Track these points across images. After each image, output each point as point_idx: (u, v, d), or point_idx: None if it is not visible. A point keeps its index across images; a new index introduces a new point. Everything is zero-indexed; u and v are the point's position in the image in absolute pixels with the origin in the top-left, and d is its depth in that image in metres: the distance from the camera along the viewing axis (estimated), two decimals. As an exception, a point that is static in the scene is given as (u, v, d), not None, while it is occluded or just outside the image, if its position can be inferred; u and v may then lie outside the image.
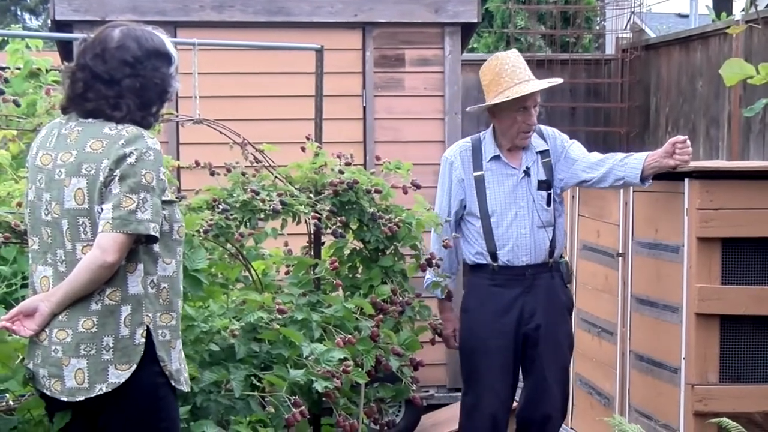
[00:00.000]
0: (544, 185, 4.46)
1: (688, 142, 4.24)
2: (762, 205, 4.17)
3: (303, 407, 3.62)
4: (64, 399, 2.86)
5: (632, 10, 9.91)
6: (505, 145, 4.48)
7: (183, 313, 3.18)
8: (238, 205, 4.22)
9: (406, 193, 4.65)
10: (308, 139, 4.65)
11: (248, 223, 4.23)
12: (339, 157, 4.61)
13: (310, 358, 3.77)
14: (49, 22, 6.47)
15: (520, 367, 4.52)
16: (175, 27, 6.01)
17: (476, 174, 4.48)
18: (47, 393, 2.90)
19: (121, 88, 2.90)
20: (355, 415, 4.18)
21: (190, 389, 3.17)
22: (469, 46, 10.42)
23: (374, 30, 6.32)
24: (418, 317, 4.57)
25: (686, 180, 4.23)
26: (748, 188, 4.18)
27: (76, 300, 2.82)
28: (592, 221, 5.24)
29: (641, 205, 4.68)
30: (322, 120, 4.84)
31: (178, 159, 5.47)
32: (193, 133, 5.27)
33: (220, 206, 4.16)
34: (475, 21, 6.38)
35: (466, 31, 6.54)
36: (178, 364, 2.98)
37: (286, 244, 4.68)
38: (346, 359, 3.85)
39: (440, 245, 4.51)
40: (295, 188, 4.43)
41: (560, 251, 4.54)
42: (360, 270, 4.67)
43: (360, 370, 4.01)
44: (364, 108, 6.33)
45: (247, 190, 4.27)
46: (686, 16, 14.44)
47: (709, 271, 4.18)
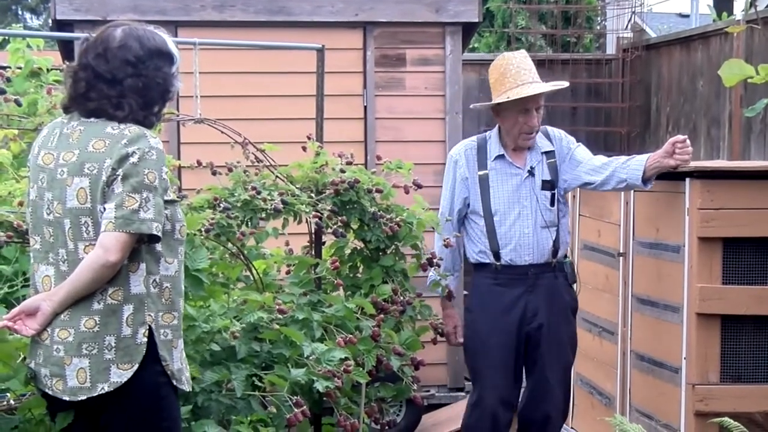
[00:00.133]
0: (549, 185, 4.47)
1: (688, 141, 4.24)
2: (763, 205, 4.17)
3: (304, 407, 3.62)
4: (66, 398, 2.86)
5: (633, 9, 9.90)
6: (509, 145, 4.48)
7: (184, 313, 3.18)
8: (240, 204, 4.22)
9: (407, 193, 4.65)
10: (309, 139, 4.65)
11: (249, 223, 4.23)
12: (340, 157, 4.61)
13: (311, 358, 3.77)
14: (50, 21, 6.47)
15: (523, 367, 4.52)
16: (176, 26, 6.00)
17: (480, 173, 4.48)
18: (49, 392, 2.89)
19: (123, 88, 2.90)
20: (356, 414, 4.19)
21: (191, 389, 3.17)
22: (470, 46, 10.42)
23: (375, 29, 6.31)
24: (419, 317, 4.57)
25: (687, 180, 4.23)
26: (749, 188, 4.18)
27: (79, 299, 2.82)
28: (593, 221, 5.24)
29: (642, 205, 4.68)
30: (323, 119, 4.84)
31: (179, 158, 5.47)
32: (194, 133, 5.27)
33: (222, 205, 4.16)
34: (476, 21, 6.38)
35: (467, 30, 6.54)
36: (180, 363, 2.98)
37: (287, 244, 4.68)
38: (347, 359, 3.85)
39: (442, 244, 4.52)
40: (296, 188, 4.43)
41: (564, 251, 4.54)
42: (361, 269, 4.67)
43: (361, 369, 4.01)
44: (365, 107, 6.32)
45: (249, 189, 4.27)
46: (687, 16, 14.43)
47: (710, 271, 4.18)
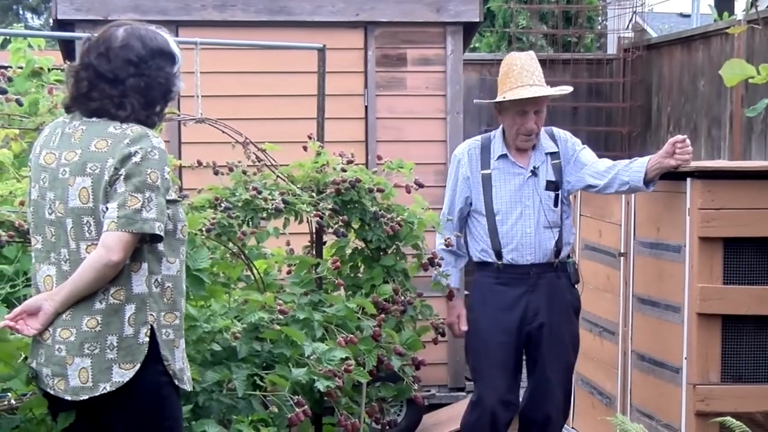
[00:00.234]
0: (553, 186, 4.46)
1: (688, 141, 4.24)
2: (764, 205, 4.17)
3: (305, 406, 3.62)
4: (68, 398, 2.86)
5: (634, 9, 9.89)
6: (512, 145, 4.48)
7: (185, 313, 3.18)
8: (241, 204, 4.22)
9: (409, 192, 4.65)
10: (310, 139, 4.66)
11: (250, 222, 4.23)
12: (341, 156, 4.61)
13: (312, 358, 3.77)
14: (51, 21, 6.47)
15: (523, 366, 4.52)
16: (177, 26, 6.01)
17: (483, 172, 4.48)
18: (51, 392, 2.89)
19: (125, 88, 2.90)
20: (357, 414, 4.19)
21: (192, 388, 3.17)
22: (471, 46, 10.41)
23: (376, 29, 6.32)
24: (420, 317, 4.57)
25: (688, 180, 4.23)
26: (749, 188, 4.18)
27: (80, 299, 2.82)
28: (594, 221, 5.24)
29: (643, 205, 4.68)
30: (324, 119, 4.85)
31: (180, 158, 5.47)
32: (195, 133, 5.27)
33: (223, 205, 4.16)
34: (477, 20, 6.38)
35: (468, 30, 6.53)
36: (182, 363, 2.98)
37: (288, 244, 4.68)
38: (347, 358, 3.85)
39: (442, 242, 4.52)
40: (297, 187, 4.43)
41: (567, 252, 4.54)
42: (362, 269, 4.67)
43: (362, 369, 4.01)
44: (366, 107, 6.32)
45: (250, 189, 4.27)
46: (688, 16, 14.42)
47: (710, 271, 4.18)
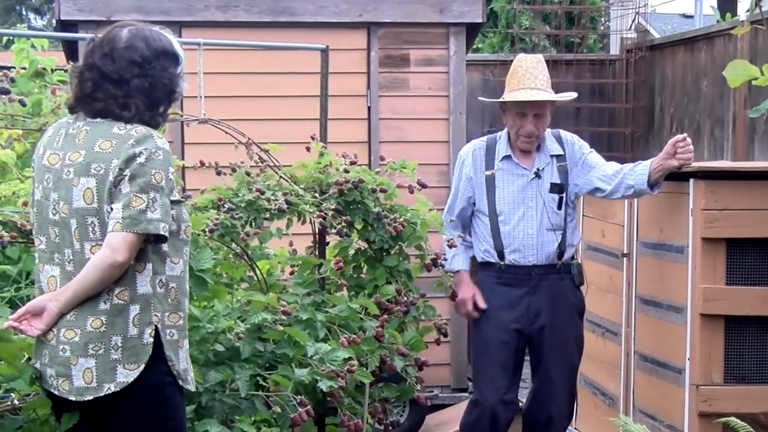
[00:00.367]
0: (557, 188, 4.45)
1: (689, 140, 4.24)
2: (767, 206, 4.17)
3: (308, 407, 3.62)
4: (72, 398, 2.86)
5: (637, 10, 9.90)
6: (516, 146, 4.48)
7: (188, 314, 3.18)
8: (244, 204, 4.22)
9: (412, 193, 4.65)
10: (313, 139, 4.65)
11: (253, 223, 4.22)
12: (344, 157, 4.61)
13: (314, 358, 3.77)
14: (54, 21, 6.47)
15: (522, 366, 4.52)
16: (180, 27, 6.01)
17: (488, 172, 4.48)
18: (55, 392, 2.89)
19: (129, 88, 2.90)
20: (360, 414, 4.19)
21: (195, 389, 3.17)
22: (474, 47, 10.42)
23: (379, 30, 6.32)
24: (423, 317, 4.57)
25: (691, 180, 4.23)
26: (752, 189, 4.18)
27: (85, 299, 2.82)
28: (597, 221, 5.24)
29: (646, 206, 4.68)
30: (326, 120, 4.84)
31: (183, 159, 5.47)
32: (198, 133, 5.27)
33: (226, 206, 4.16)
34: (480, 21, 6.38)
35: (471, 31, 6.53)
36: (186, 363, 2.98)
37: (291, 244, 4.68)
38: (350, 359, 3.85)
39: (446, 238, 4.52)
40: (300, 188, 4.43)
41: (570, 254, 4.53)
42: (365, 270, 4.67)
43: (364, 369, 4.01)
44: (369, 108, 6.33)
45: (253, 189, 4.27)
46: (691, 17, 14.43)
47: (713, 272, 4.18)
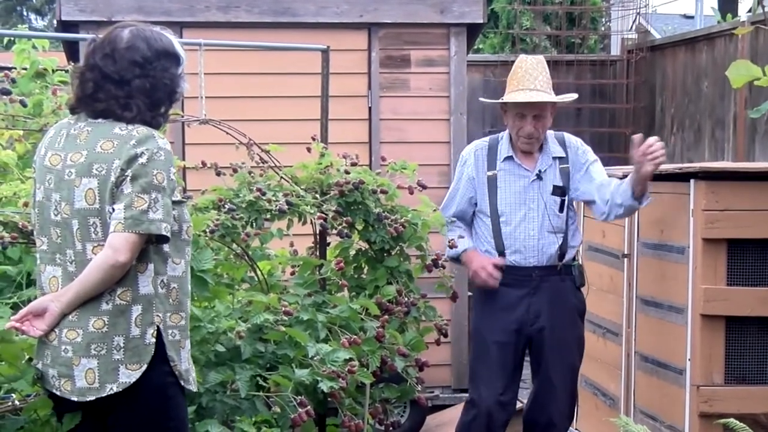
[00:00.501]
0: (560, 191, 4.44)
1: (651, 140, 4.19)
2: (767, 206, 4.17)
3: (309, 407, 3.62)
4: (75, 399, 2.86)
5: (638, 11, 9.91)
6: (518, 147, 4.47)
7: (189, 314, 3.18)
8: (244, 205, 4.22)
9: (412, 194, 4.65)
10: (314, 140, 4.65)
11: (254, 224, 4.22)
12: (344, 158, 4.61)
13: (315, 359, 3.77)
14: (55, 22, 6.47)
15: (522, 367, 4.52)
16: (181, 27, 6.01)
17: (489, 173, 4.48)
18: (57, 393, 2.90)
19: (131, 89, 2.90)
20: (360, 415, 4.19)
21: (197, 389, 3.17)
22: (475, 47, 10.42)
23: (380, 31, 6.32)
24: (424, 318, 4.57)
25: (692, 181, 4.23)
26: (753, 189, 4.18)
27: (87, 300, 2.83)
28: (598, 222, 5.23)
29: (647, 206, 4.68)
30: (327, 120, 4.84)
31: (184, 159, 5.47)
32: (199, 134, 5.27)
33: (227, 206, 4.16)
34: (481, 22, 6.38)
35: (472, 31, 6.53)
36: (187, 363, 2.98)
37: (292, 245, 4.68)
38: (351, 359, 3.85)
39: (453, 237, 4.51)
40: (301, 188, 4.43)
41: (571, 255, 4.52)
42: (365, 270, 4.67)
43: (365, 370, 4.01)
44: (370, 108, 6.33)
45: (253, 190, 4.27)
46: (691, 17, 14.45)
47: (714, 272, 4.18)
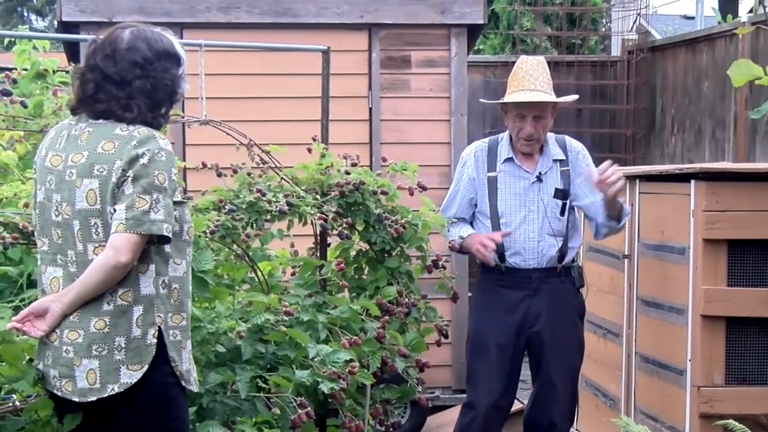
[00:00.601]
0: (561, 194, 4.41)
1: (605, 166, 4.16)
2: (768, 207, 4.17)
3: (309, 408, 3.62)
4: (76, 399, 2.86)
5: (638, 11, 9.91)
6: (518, 148, 4.47)
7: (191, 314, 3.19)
8: (245, 206, 4.22)
9: (412, 195, 4.65)
10: (314, 141, 4.65)
11: (254, 224, 4.22)
12: (345, 158, 4.61)
13: (316, 360, 3.77)
14: (56, 23, 6.47)
15: (520, 369, 4.51)
16: (182, 28, 6.01)
17: (490, 174, 4.46)
18: (58, 394, 2.90)
19: (132, 89, 2.90)
20: (361, 416, 4.19)
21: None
22: (475, 48, 10.42)
23: (380, 31, 6.32)
24: (424, 318, 4.57)
25: (692, 182, 4.23)
26: (754, 190, 4.18)
27: (88, 300, 2.83)
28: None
29: (647, 207, 4.68)
30: (328, 121, 4.85)
31: (185, 160, 5.47)
32: (200, 134, 5.27)
33: (227, 207, 4.16)
34: (481, 22, 6.38)
35: (472, 32, 6.53)
36: (188, 364, 2.98)
37: (292, 246, 4.68)
38: (351, 360, 3.85)
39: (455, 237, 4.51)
40: (302, 189, 4.43)
41: (571, 257, 4.50)
42: (366, 271, 4.67)
43: (366, 371, 4.01)
44: (370, 109, 6.33)
45: (254, 191, 4.27)
46: (692, 18, 14.45)
47: (715, 273, 4.18)
